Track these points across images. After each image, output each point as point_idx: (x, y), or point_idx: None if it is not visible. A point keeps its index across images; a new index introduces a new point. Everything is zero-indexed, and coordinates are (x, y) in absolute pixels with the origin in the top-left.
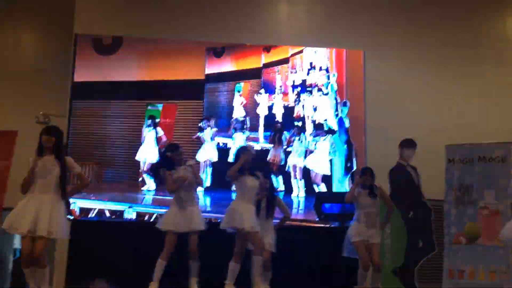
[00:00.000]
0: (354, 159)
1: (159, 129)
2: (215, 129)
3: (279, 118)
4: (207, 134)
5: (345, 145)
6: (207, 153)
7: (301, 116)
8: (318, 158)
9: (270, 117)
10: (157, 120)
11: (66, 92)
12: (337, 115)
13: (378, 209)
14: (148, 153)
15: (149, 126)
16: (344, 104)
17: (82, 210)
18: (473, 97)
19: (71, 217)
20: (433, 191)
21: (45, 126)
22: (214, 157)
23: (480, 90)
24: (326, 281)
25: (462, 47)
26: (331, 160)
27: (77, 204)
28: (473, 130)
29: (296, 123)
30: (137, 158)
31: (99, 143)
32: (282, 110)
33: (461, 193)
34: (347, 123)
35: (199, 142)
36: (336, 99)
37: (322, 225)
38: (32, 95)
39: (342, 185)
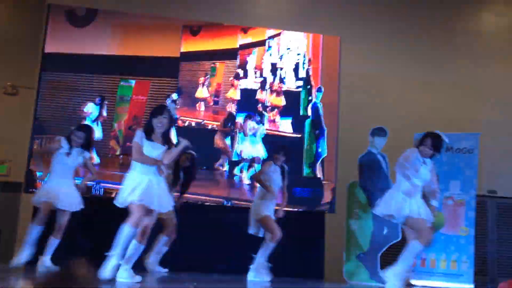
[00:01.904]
0: (325, 145)
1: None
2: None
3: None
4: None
5: (318, 131)
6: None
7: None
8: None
9: (240, 102)
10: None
11: (36, 63)
12: (311, 101)
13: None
14: None
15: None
16: (318, 90)
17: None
18: (446, 87)
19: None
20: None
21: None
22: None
23: (453, 80)
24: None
25: (438, 37)
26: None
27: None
28: (442, 120)
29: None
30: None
31: (67, 117)
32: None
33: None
34: (320, 109)
35: None
36: (310, 84)
37: (291, 209)
38: (2, 65)
39: (313, 169)
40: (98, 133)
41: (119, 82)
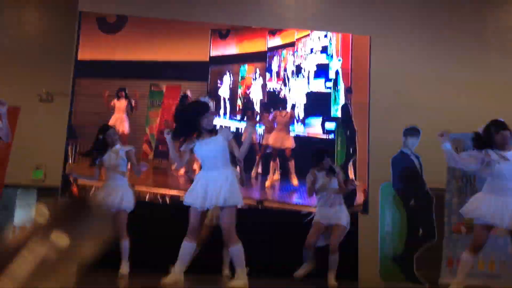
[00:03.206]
0: (356, 146)
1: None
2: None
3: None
4: None
5: (348, 132)
6: None
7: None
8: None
9: (265, 102)
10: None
11: (70, 70)
12: (341, 102)
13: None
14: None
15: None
16: (348, 90)
17: (82, 188)
18: (479, 85)
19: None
20: (435, 179)
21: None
22: None
23: (486, 79)
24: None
25: (469, 35)
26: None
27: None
28: (478, 119)
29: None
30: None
31: (100, 122)
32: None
33: (463, 182)
34: (350, 110)
35: None
36: (340, 85)
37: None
38: (36, 73)
39: (345, 170)
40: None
41: (150, 87)
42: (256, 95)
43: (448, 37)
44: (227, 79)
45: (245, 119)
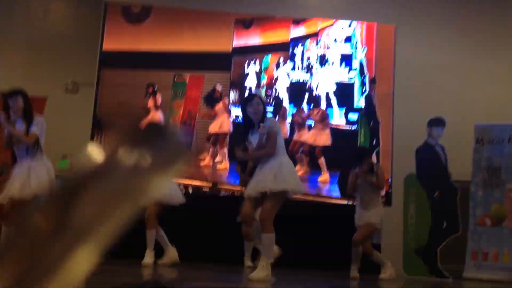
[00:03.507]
0: (379, 137)
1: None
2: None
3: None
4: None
5: (372, 122)
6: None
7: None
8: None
9: (291, 90)
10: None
11: (95, 61)
12: (365, 91)
13: (376, 191)
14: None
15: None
16: (373, 81)
17: None
18: (506, 76)
19: None
20: (460, 171)
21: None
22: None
23: None
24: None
25: (498, 24)
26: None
27: None
28: (505, 110)
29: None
30: None
31: (125, 112)
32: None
33: (489, 174)
34: (374, 100)
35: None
36: (364, 75)
37: (346, 202)
38: (62, 63)
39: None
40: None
41: (174, 78)
42: (282, 85)
43: (476, 26)
44: (252, 69)
45: (277, 117)
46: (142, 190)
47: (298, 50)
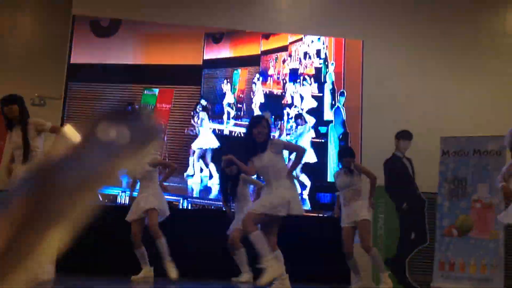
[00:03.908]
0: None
1: None
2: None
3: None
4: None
5: (341, 135)
6: (206, 141)
7: (289, 104)
8: None
9: (265, 105)
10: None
11: (62, 74)
12: (334, 105)
13: (359, 185)
14: None
15: None
16: (341, 94)
17: None
18: (470, 89)
19: None
20: (426, 183)
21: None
22: (214, 144)
23: (477, 83)
24: (319, 271)
25: (461, 39)
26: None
27: None
28: (469, 123)
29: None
30: None
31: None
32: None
33: (454, 185)
34: (343, 113)
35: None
36: (333, 88)
37: (315, 215)
38: (29, 77)
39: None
40: None
41: (143, 91)
42: (254, 99)
43: (441, 41)
44: (226, 87)
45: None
46: (114, 171)
47: (269, 64)
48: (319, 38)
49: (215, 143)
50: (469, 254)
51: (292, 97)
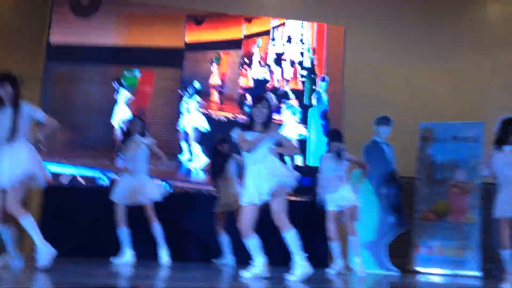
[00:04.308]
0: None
1: (124, 90)
2: (195, 99)
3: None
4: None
5: (322, 120)
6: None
7: (274, 87)
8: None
9: (254, 89)
10: (124, 82)
11: (41, 55)
12: (314, 90)
13: (344, 171)
14: (122, 115)
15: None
16: (323, 79)
17: (55, 175)
18: (450, 76)
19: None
20: (406, 168)
21: None
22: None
23: (458, 70)
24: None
25: (443, 27)
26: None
27: (50, 169)
28: (448, 109)
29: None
30: (112, 122)
31: (73, 108)
32: (249, 83)
33: (432, 170)
34: (325, 99)
35: (176, 111)
36: (314, 74)
37: (297, 199)
38: (5, 56)
39: (318, 159)
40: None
41: (123, 72)
42: (238, 82)
43: (422, 28)
44: (213, 68)
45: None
46: None
47: (251, 48)
48: (302, 25)
49: (205, 124)
50: (447, 238)
51: (278, 81)
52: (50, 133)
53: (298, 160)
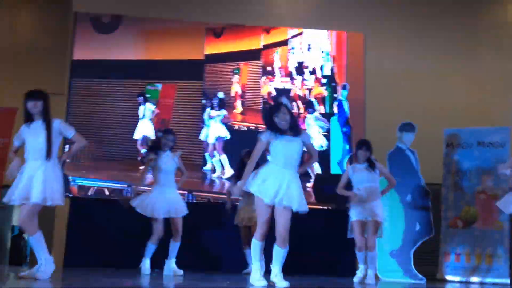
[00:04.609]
0: (352, 142)
1: (149, 104)
2: (223, 112)
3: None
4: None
5: (344, 128)
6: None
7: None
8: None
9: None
10: (148, 96)
11: (65, 71)
12: (335, 98)
13: (377, 183)
14: (145, 130)
15: (140, 103)
16: (344, 87)
17: (81, 188)
18: (472, 81)
19: (70, 195)
20: (431, 175)
21: (28, 91)
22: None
23: (480, 74)
24: (325, 263)
25: (462, 31)
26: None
27: (76, 182)
28: (473, 114)
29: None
30: (135, 137)
31: (97, 122)
32: (273, 92)
33: (459, 177)
34: (346, 106)
35: (198, 122)
36: (335, 82)
37: (320, 207)
38: (31, 74)
39: (340, 167)
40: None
41: (146, 86)
42: (262, 93)
43: (444, 33)
44: (234, 79)
45: None
46: None
47: (271, 58)
48: (320, 32)
49: (227, 134)
50: (475, 245)
51: (300, 89)
52: (77, 151)
53: (318, 168)
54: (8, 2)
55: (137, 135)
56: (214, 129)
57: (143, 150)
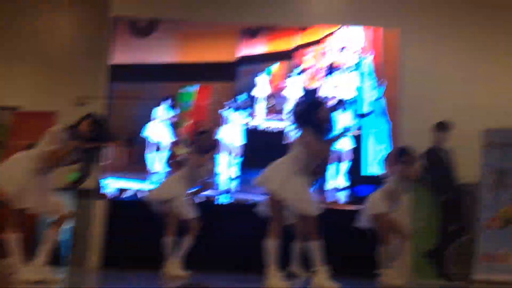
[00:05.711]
0: (388, 140)
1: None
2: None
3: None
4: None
5: (380, 126)
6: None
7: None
8: None
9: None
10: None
11: (104, 75)
12: (373, 96)
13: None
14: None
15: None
16: (380, 85)
17: (118, 190)
18: (510, 78)
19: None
20: (467, 174)
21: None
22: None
23: None
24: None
25: (502, 26)
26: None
27: (111, 184)
28: (510, 113)
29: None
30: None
31: (135, 125)
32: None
33: (497, 177)
34: (382, 104)
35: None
36: (370, 79)
37: (354, 208)
38: (71, 78)
39: (379, 166)
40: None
41: (182, 88)
42: (292, 93)
43: (482, 30)
44: (261, 79)
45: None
46: None
47: (305, 58)
48: (356, 30)
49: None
50: (511, 245)
51: (332, 89)
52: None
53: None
54: (47, 7)
55: (156, 137)
56: (240, 131)
57: (180, 151)
